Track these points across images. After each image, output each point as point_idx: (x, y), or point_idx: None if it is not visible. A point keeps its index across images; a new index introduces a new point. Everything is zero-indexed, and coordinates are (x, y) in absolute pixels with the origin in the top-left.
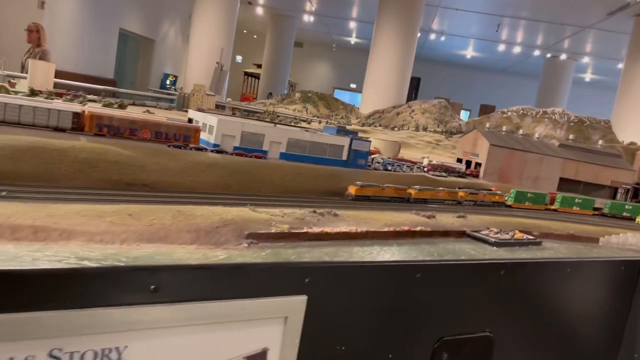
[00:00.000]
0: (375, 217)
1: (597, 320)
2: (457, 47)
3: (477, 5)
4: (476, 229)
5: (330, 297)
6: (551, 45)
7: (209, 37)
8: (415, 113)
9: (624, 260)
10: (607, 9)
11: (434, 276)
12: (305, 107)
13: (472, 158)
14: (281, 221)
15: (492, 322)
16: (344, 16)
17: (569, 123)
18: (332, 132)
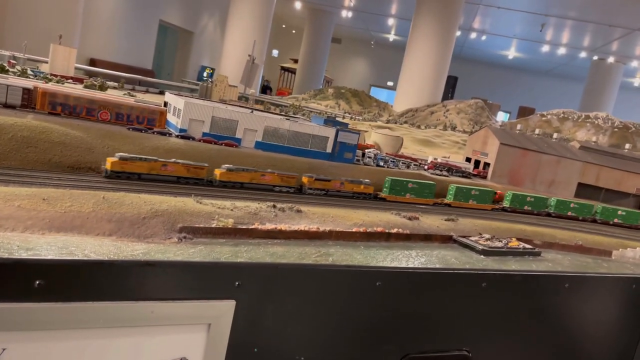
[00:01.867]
0: (345, 216)
1: (601, 343)
2: (499, 47)
3: (520, 4)
4: (465, 234)
5: (266, 303)
6: (598, 47)
7: (244, 30)
8: (449, 112)
9: (635, 277)
10: None
11: (399, 285)
12: (338, 103)
13: (481, 157)
14: (228, 215)
15: (471, 340)
16: (382, 12)
17: (612, 128)
18: (320, 123)
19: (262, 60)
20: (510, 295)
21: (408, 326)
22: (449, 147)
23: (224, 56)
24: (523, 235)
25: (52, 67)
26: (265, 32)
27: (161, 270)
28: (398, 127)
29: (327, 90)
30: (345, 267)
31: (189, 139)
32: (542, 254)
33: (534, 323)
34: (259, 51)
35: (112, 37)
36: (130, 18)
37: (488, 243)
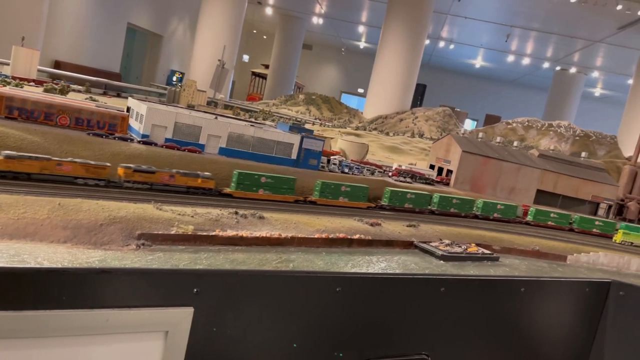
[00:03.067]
0: (308, 222)
1: (557, 345)
2: (466, 56)
3: (487, 14)
4: (426, 239)
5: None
6: (561, 58)
7: (214, 35)
8: (418, 120)
9: (589, 281)
10: (618, 23)
11: (359, 290)
12: (309, 109)
13: (444, 165)
14: (188, 222)
15: (430, 344)
16: (353, 20)
17: (574, 137)
18: (286, 129)
19: (232, 65)
20: (468, 299)
21: (368, 331)
22: (416, 154)
23: (193, 60)
24: (482, 240)
25: (14, 70)
26: (236, 37)
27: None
28: (367, 134)
29: (298, 96)
30: (305, 274)
31: (151, 144)
32: (500, 259)
33: (492, 326)
34: (229, 56)
35: (79, 39)
36: (97, 20)
37: (448, 248)
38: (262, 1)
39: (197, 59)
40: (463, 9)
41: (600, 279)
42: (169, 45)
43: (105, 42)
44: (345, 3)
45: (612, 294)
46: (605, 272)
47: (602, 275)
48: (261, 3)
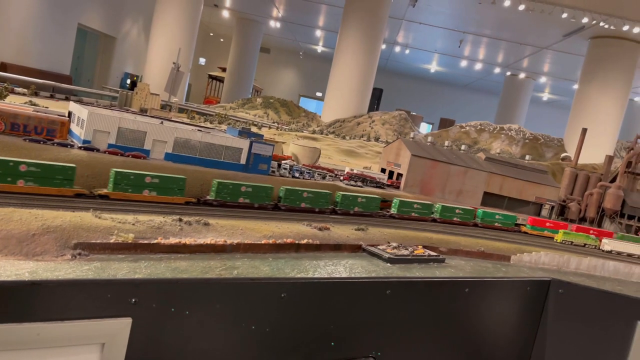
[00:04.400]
0: (255, 228)
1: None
2: (421, 60)
3: (440, 21)
4: (375, 242)
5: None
6: (511, 64)
7: (169, 37)
8: (375, 123)
9: (530, 280)
10: (564, 30)
11: (305, 295)
12: (267, 112)
13: (395, 168)
14: (129, 230)
15: (378, 346)
16: (310, 24)
17: (524, 140)
18: (235, 134)
19: (187, 68)
20: (414, 301)
21: (315, 335)
22: (371, 157)
23: (148, 63)
24: (429, 242)
25: None
26: (191, 39)
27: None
28: (324, 138)
29: (255, 100)
30: (249, 280)
31: (92, 150)
32: (446, 260)
33: (438, 326)
34: (185, 59)
35: (26, 41)
36: (46, 20)
37: (395, 251)
38: (219, 4)
39: (151, 62)
40: (417, 14)
41: (541, 278)
42: (123, 47)
43: (55, 44)
44: (302, 7)
45: (552, 291)
46: (546, 271)
47: (543, 274)
48: (218, 6)
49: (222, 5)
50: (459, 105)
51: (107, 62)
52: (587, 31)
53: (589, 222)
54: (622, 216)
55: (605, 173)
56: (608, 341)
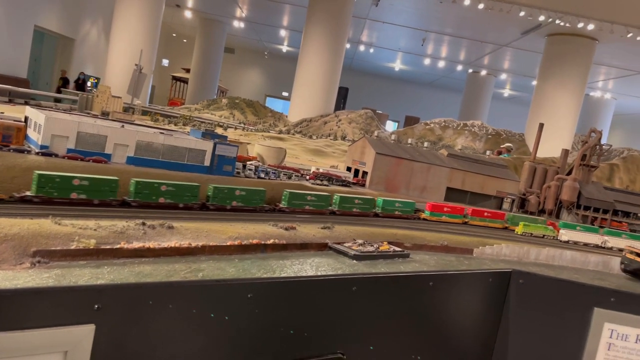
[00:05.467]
0: (220, 230)
1: (466, 333)
2: (386, 59)
3: (403, 20)
4: (341, 240)
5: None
6: (473, 61)
7: (130, 38)
8: (342, 122)
9: (492, 272)
10: (522, 28)
11: (272, 295)
12: (232, 113)
13: (360, 166)
14: (90, 235)
15: (345, 343)
16: (274, 24)
17: (487, 135)
18: (198, 136)
19: (150, 70)
20: (380, 296)
21: (283, 334)
22: (339, 155)
23: (109, 65)
24: (394, 238)
25: None
26: (154, 40)
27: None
28: (290, 137)
29: (221, 101)
30: (214, 282)
31: (51, 155)
32: (410, 255)
33: (403, 320)
34: (147, 60)
35: None
36: (0, 22)
37: (360, 248)
38: (181, 4)
39: (112, 64)
40: (381, 14)
41: (502, 269)
42: (82, 49)
43: (10, 46)
44: (266, 7)
45: (513, 282)
46: (507, 263)
47: (504, 266)
48: (180, 6)
49: (185, 5)
50: (423, 102)
51: (66, 65)
52: (544, 29)
53: (547, 214)
54: (579, 207)
55: (562, 166)
56: (567, 327)
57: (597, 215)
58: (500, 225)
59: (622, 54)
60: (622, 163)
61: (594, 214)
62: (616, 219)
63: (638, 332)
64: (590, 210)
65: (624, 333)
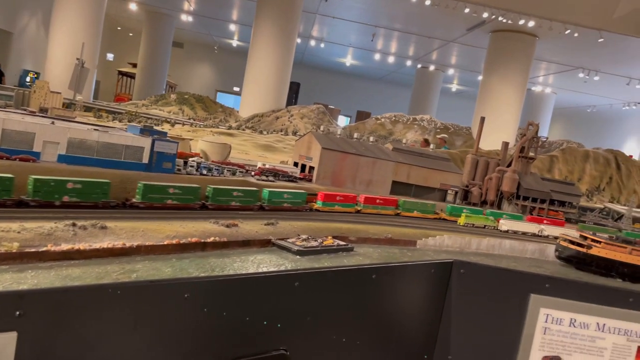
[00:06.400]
0: (157, 229)
1: (410, 323)
2: (337, 54)
3: (353, 15)
4: (285, 236)
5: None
6: (421, 57)
7: (72, 31)
8: (294, 117)
9: (434, 263)
10: (467, 24)
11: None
12: (182, 109)
13: (307, 161)
14: (13, 238)
15: (289, 339)
16: (223, 18)
17: (435, 129)
18: (136, 132)
19: (93, 64)
20: (323, 291)
21: (223, 334)
22: (289, 151)
23: (49, 60)
24: (339, 233)
25: None
26: (97, 33)
27: None
28: (240, 133)
29: (169, 96)
30: (149, 283)
31: None
32: (354, 249)
33: (348, 314)
34: (90, 54)
35: None
36: None
37: (304, 243)
38: None
39: (52, 58)
40: (331, 9)
41: (444, 260)
42: (20, 43)
43: None
44: (214, 0)
45: (455, 272)
46: (449, 253)
47: (446, 257)
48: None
49: None
50: (374, 97)
51: (2, 59)
52: (488, 25)
53: (489, 205)
54: (518, 198)
55: (503, 158)
56: (506, 314)
57: (535, 205)
58: (392, 212)
59: (561, 50)
60: (561, 155)
61: (533, 204)
62: (553, 208)
63: (571, 316)
64: (529, 200)
65: (558, 317)
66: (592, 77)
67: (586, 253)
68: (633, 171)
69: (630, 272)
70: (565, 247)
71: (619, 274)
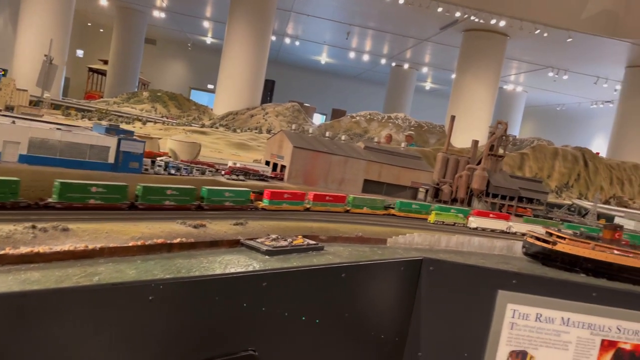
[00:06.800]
0: (122, 230)
1: (380, 321)
2: (312, 52)
3: (327, 13)
4: (254, 236)
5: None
6: (396, 55)
7: (40, 27)
8: (268, 115)
9: (403, 260)
10: (441, 23)
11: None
12: (154, 107)
13: (278, 160)
14: None
15: (258, 339)
16: (196, 14)
17: (409, 127)
18: (102, 131)
19: (62, 61)
20: (292, 290)
21: (190, 335)
22: (264, 149)
23: (16, 56)
24: (310, 232)
25: None
26: (66, 30)
27: None
28: (213, 131)
29: (142, 94)
30: (111, 286)
31: None
32: (325, 248)
33: (318, 312)
34: (59, 51)
35: None
36: None
37: (273, 243)
38: None
39: (20, 55)
40: (305, 6)
41: (413, 258)
42: None
43: None
44: None
45: (424, 269)
46: (419, 251)
47: (416, 254)
48: None
49: None
50: (350, 95)
51: None
52: (461, 24)
53: (460, 202)
54: (488, 195)
55: (473, 156)
56: (474, 310)
57: (505, 202)
58: (342, 208)
59: (531, 49)
60: (531, 152)
61: (502, 201)
62: (521, 205)
63: (537, 311)
64: (498, 197)
65: (524, 312)
66: (561, 76)
67: (552, 249)
68: (600, 168)
69: (593, 267)
70: (532, 244)
71: (583, 269)
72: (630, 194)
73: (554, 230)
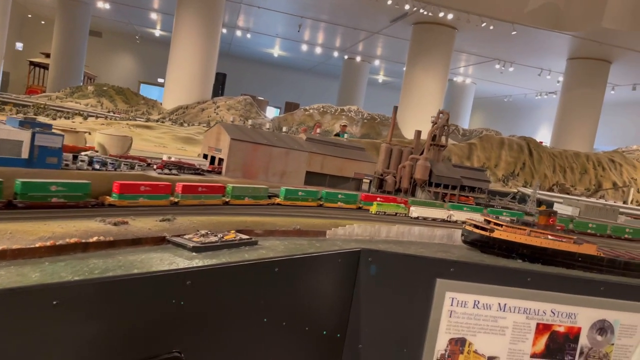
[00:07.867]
0: (29, 230)
1: (319, 314)
2: (264, 45)
3: (279, 5)
4: (182, 232)
5: None
6: (348, 48)
7: None
8: (220, 109)
9: (341, 252)
10: (391, 16)
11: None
12: (100, 101)
13: (216, 153)
14: None
15: (182, 341)
16: (143, 6)
17: (363, 120)
18: (15, 125)
19: (1, 54)
20: (220, 288)
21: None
22: None
23: None
24: (244, 226)
25: None
26: (3, 22)
27: None
28: (159, 125)
29: (87, 88)
30: (8, 291)
31: None
32: (259, 242)
33: (250, 310)
34: None
35: None
36: None
37: (202, 239)
38: None
39: None
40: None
41: (351, 249)
42: None
43: None
44: None
45: (362, 260)
46: (359, 242)
47: (356, 245)
48: None
49: None
50: (303, 89)
51: None
52: (410, 17)
53: (403, 193)
54: (430, 185)
55: (416, 146)
56: (413, 299)
57: (447, 191)
58: (220, 200)
59: (479, 41)
60: (479, 142)
61: (444, 190)
62: (463, 194)
63: (475, 298)
64: (440, 187)
65: (462, 300)
66: (508, 68)
67: (489, 236)
68: (544, 157)
69: (529, 253)
70: (470, 232)
71: (519, 255)
72: (571, 181)
73: (491, 218)
